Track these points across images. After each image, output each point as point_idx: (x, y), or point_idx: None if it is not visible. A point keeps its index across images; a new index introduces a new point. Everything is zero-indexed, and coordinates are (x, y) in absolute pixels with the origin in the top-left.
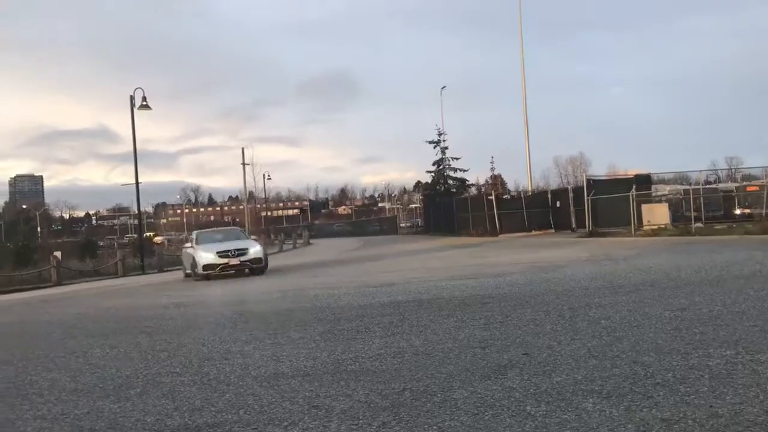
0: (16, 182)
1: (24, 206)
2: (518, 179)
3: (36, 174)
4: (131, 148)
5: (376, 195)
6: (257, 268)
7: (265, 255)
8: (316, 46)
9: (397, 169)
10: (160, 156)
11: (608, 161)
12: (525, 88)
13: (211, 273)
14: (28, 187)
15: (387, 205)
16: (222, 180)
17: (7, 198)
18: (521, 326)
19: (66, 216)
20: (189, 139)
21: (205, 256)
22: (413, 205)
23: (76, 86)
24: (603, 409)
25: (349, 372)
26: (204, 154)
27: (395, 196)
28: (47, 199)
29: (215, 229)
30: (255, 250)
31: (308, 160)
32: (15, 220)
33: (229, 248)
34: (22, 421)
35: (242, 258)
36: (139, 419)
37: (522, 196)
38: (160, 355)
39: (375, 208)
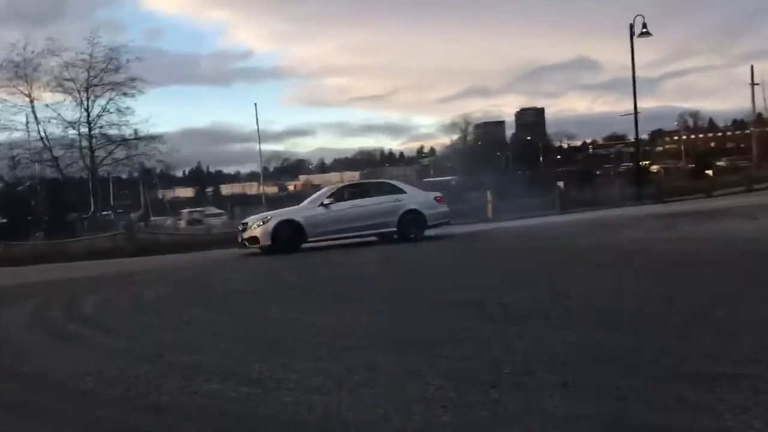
0: (522, 115)
1: (528, 138)
2: None
3: (538, 107)
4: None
5: None
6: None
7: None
8: None
9: None
10: (641, 82)
11: None
12: None
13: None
14: (531, 119)
15: None
16: (711, 102)
17: (514, 130)
18: None
19: (564, 146)
20: (671, 61)
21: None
22: None
23: (554, 20)
24: None
25: None
26: (689, 77)
27: None
28: (548, 130)
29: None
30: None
31: None
32: (521, 150)
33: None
34: (548, 344)
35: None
36: (656, 359)
37: None
38: (670, 292)
39: None
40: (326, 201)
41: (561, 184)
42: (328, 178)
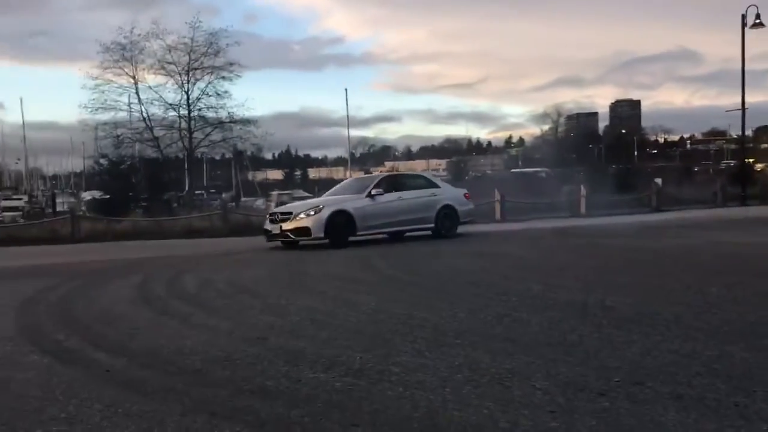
0: (616, 107)
1: (623, 131)
2: None
3: (634, 99)
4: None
5: None
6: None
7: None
8: None
9: None
10: (747, 75)
11: None
12: None
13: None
14: (625, 111)
15: None
16: None
17: (607, 122)
18: None
19: (660, 140)
20: None
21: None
22: None
23: (651, 9)
24: None
25: None
26: None
27: None
28: (643, 124)
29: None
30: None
31: None
32: (614, 143)
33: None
34: (657, 353)
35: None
36: None
37: None
38: None
39: None
40: (374, 192)
41: (659, 181)
42: (413, 166)
